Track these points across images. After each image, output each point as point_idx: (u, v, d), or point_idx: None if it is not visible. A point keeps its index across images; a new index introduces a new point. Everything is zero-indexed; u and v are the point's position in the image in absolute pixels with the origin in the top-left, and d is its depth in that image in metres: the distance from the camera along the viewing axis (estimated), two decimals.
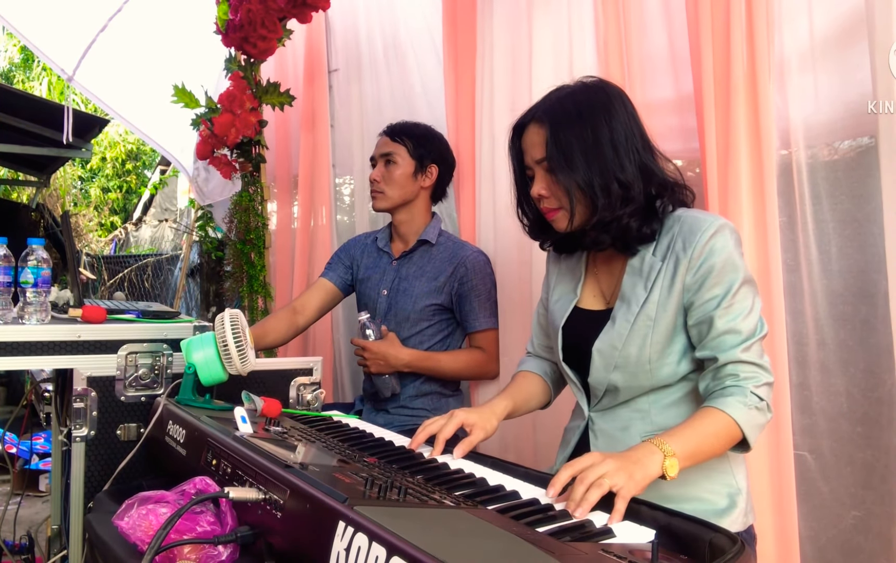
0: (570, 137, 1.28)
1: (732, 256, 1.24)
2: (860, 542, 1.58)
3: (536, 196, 1.35)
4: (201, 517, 1.05)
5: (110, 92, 3.58)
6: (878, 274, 1.52)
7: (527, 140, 1.36)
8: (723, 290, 1.23)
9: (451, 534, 0.84)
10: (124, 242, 10.27)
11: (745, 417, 1.19)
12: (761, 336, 1.24)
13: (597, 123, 1.28)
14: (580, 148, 1.27)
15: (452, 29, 2.31)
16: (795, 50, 1.62)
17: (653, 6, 1.87)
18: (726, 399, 1.20)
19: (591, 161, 1.27)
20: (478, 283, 2.10)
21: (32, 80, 10.43)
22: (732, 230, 1.27)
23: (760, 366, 1.22)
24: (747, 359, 1.21)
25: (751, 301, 1.24)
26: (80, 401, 1.60)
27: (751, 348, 1.22)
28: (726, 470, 1.29)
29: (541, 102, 1.35)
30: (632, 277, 1.32)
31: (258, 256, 2.79)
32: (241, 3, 2.58)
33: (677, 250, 1.27)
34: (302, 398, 1.81)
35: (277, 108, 2.76)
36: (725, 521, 1.24)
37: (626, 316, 1.30)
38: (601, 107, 1.29)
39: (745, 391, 1.20)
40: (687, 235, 1.26)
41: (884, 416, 1.53)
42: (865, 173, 1.57)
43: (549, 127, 1.30)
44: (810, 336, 1.61)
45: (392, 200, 2.15)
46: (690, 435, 1.17)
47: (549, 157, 1.30)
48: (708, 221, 1.26)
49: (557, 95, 1.34)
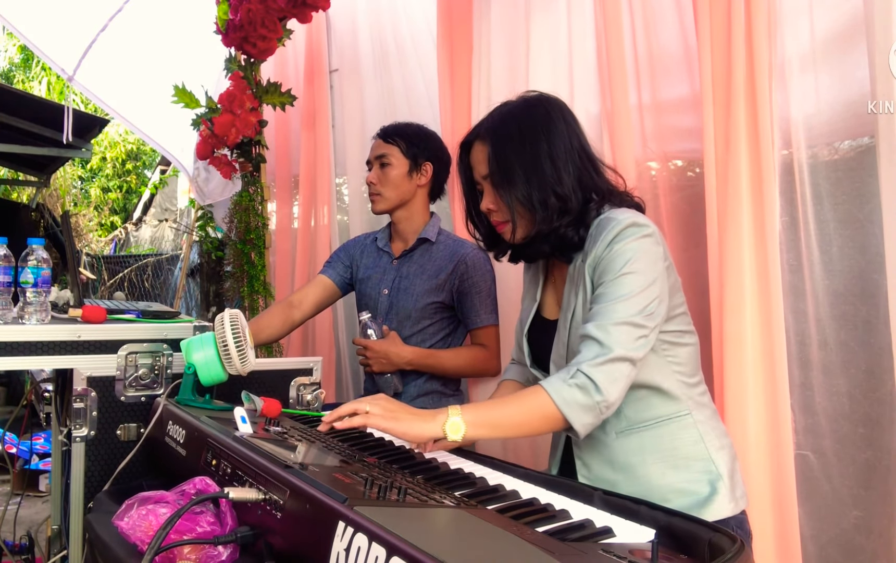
0: (510, 153, 1.32)
1: (627, 249, 1.22)
2: (861, 542, 1.58)
3: (485, 210, 1.39)
4: (201, 517, 1.05)
5: (110, 92, 3.58)
6: (879, 275, 1.52)
7: (473, 157, 1.40)
8: (607, 277, 1.23)
9: (451, 534, 0.84)
10: (124, 242, 10.27)
11: (561, 393, 1.17)
12: (628, 321, 1.19)
13: (535, 139, 1.31)
14: (519, 164, 1.31)
15: (448, 28, 2.31)
16: (797, 50, 1.62)
17: (653, 6, 1.87)
18: (550, 377, 1.21)
19: (529, 176, 1.30)
20: (478, 280, 2.11)
21: (32, 80, 10.43)
22: (641, 227, 1.25)
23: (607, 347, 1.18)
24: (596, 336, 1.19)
25: (628, 290, 1.20)
26: (80, 401, 1.60)
27: (609, 327, 1.19)
28: (702, 457, 1.29)
29: (485, 120, 1.39)
30: (569, 286, 1.35)
31: (258, 256, 2.79)
32: (241, 3, 2.58)
33: (588, 250, 1.29)
34: (302, 398, 1.81)
35: (278, 107, 2.76)
36: (712, 508, 1.24)
37: (565, 324, 1.34)
38: (540, 123, 1.33)
39: (570, 369, 1.19)
40: (596, 234, 1.28)
41: (885, 416, 1.53)
42: (867, 173, 1.57)
43: (491, 144, 1.35)
44: (812, 337, 1.61)
45: (389, 201, 2.16)
46: (493, 406, 1.23)
47: (490, 173, 1.34)
48: (617, 219, 1.26)
49: (500, 112, 1.38)
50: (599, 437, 1.32)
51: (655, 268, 1.24)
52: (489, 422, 1.19)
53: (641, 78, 1.92)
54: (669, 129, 1.93)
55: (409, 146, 2.15)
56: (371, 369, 2.09)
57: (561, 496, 1.09)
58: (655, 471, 1.28)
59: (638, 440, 1.30)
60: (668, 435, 1.29)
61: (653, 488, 1.24)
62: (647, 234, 1.25)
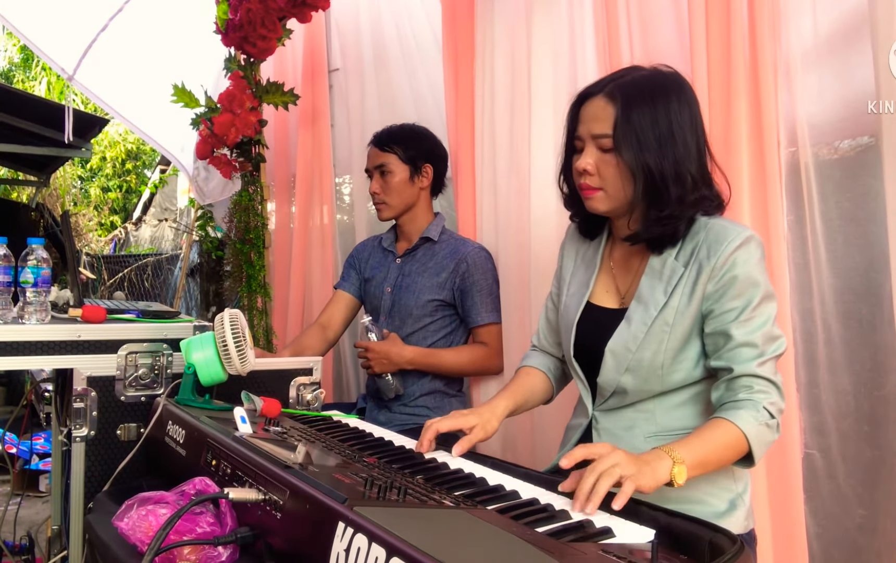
0: (645, 117, 1.23)
1: (755, 270, 1.23)
2: (867, 541, 1.58)
3: (581, 169, 1.28)
4: (201, 517, 1.05)
5: (110, 91, 3.57)
6: (883, 273, 1.51)
7: (589, 111, 1.28)
8: (743, 302, 1.22)
9: (451, 534, 0.84)
10: (124, 241, 10.26)
11: (754, 431, 1.18)
12: (777, 354, 1.23)
13: (673, 111, 1.24)
14: (654, 131, 1.22)
15: (452, 28, 2.31)
16: (800, 48, 1.62)
17: (650, 6, 1.87)
18: (738, 412, 1.19)
19: (664, 146, 1.22)
20: (479, 278, 2.11)
21: (32, 80, 10.43)
22: (759, 244, 1.25)
23: (774, 383, 1.22)
24: (762, 374, 1.20)
25: (769, 317, 1.23)
26: (80, 401, 1.59)
27: (766, 363, 1.21)
28: (727, 475, 1.29)
29: (612, 76, 1.29)
30: (651, 279, 1.30)
31: (258, 255, 2.79)
32: (240, 3, 2.58)
33: (701, 258, 1.24)
34: (302, 398, 1.81)
35: (281, 106, 2.76)
36: (725, 524, 1.22)
37: (644, 319, 1.28)
38: (677, 96, 1.26)
39: (757, 406, 1.19)
40: (712, 244, 1.24)
41: (890, 415, 1.53)
42: (869, 173, 1.57)
43: (621, 104, 1.24)
44: (819, 335, 1.61)
45: (395, 208, 2.19)
46: (700, 445, 1.17)
47: (616, 134, 1.23)
48: (735, 232, 1.24)
49: (632, 74, 1.29)
50: (627, 438, 1.31)
51: (770, 284, 1.26)
52: (701, 462, 1.16)
53: None
54: None
55: (407, 150, 2.17)
56: (372, 370, 2.09)
57: (561, 496, 1.09)
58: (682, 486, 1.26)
59: None
60: None
61: (672, 496, 1.21)
62: (762, 247, 1.26)
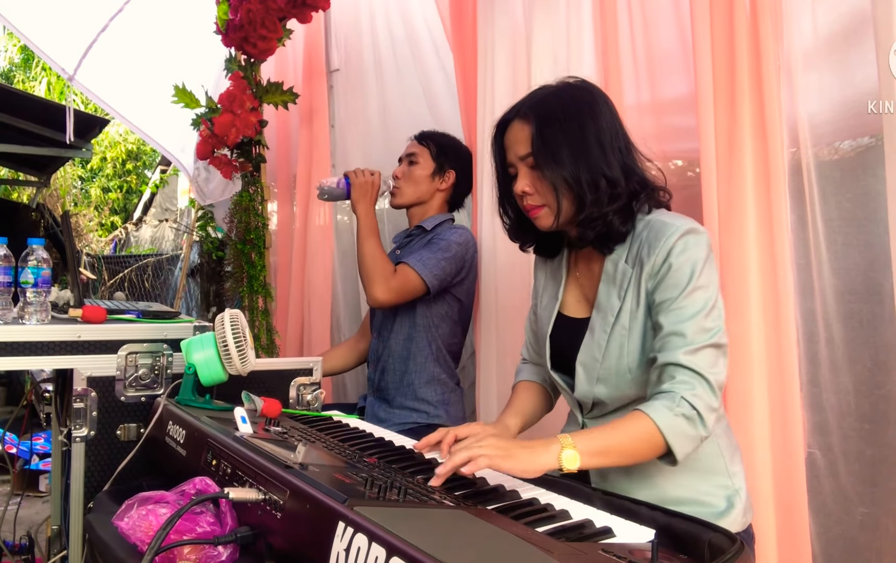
0: (557, 132, 1.27)
1: (690, 260, 1.21)
2: (868, 539, 1.58)
3: (520, 193, 1.33)
4: (201, 517, 1.05)
5: (111, 92, 3.58)
6: (884, 273, 1.52)
7: (510, 136, 1.34)
8: (674, 292, 1.21)
9: (451, 534, 0.84)
10: (124, 242, 10.26)
11: (668, 422, 1.14)
12: (712, 343, 1.18)
13: (583, 121, 1.28)
14: (567, 144, 1.27)
15: (460, 31, 2.32)
16: (801, 48, 1.61)
17: (652, 5, 1.87)
18: (653, 403, 1.16)
19: (578, 157, 1.26)
20: (435, 241, 2.12)
21: (32, 80, 10.43)
22: (699, 235, 1.24)
23: (703, 377, 1.16)
24: (689, 364, 1.16)
25: (702, 305, 1.19)
26: (80, 401, 1.59)
27: (696, 352, 1.17)
28: (721, 471, 1.29)
29: (525, 100, 1.34)
30: (607, 285, 1.32)
31: (258, 256, 2.79)
32: (241, 3, 2.58)
33: (642, 256, 1.26)
34: (302, 398, 1.81)
35: (281, 106, 2.76)
36: (725, 522, 1.23)
37: (603, 326, 1.30)
38: (586, 105, 1.30)
39: (674, 397, 1.15)
40: (652, 241, 1.25)
41: (891, 413, 1.53)
42: (872, 173, 1.57)
43: (535, 123, 1.29)
44: (820, 335, 1.61)
45: (407, 196, 2.23)
46: (603, 434, 1.16)
47: (534, 152, 1.29)
48: (673, 226, 1.24)
49: (541, 92, 1.33)
50: None
51: (715, 276, 1.23)
52: (600, 450, 1.14)
53: (641, 78, 1.92)
54: (669, 128, 1.93)
55: (440, 153, 2.23)
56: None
57: (561, 496, 1.09)
58: (674, 482, 1.26)
59: None
60: None
61: (670, 498, 1.22)
62: (706, 241, 1.24)
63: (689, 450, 1.17)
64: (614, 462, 1.17)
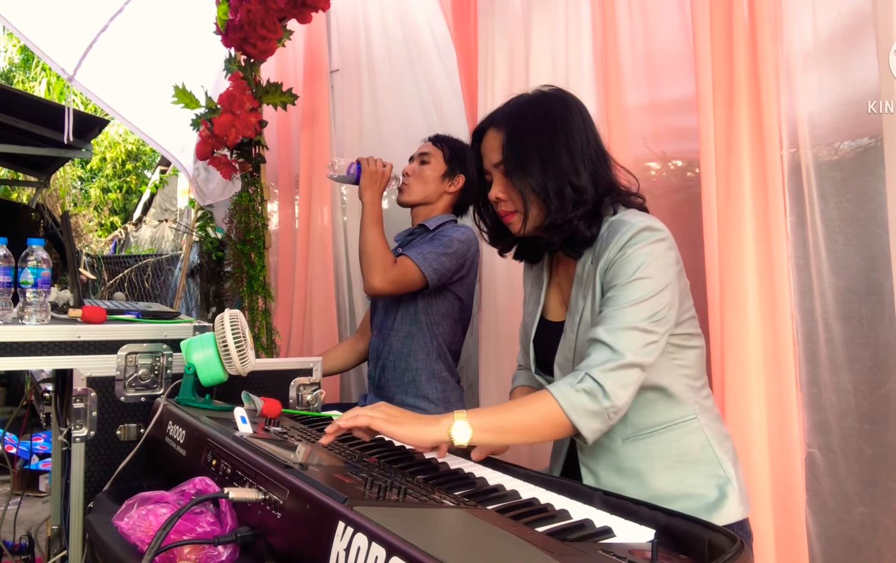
0: (526, 141, 1.31)
1: (641, 253, 1.22)
2: (867, 538, 1.58)
3: (494, 199, 1.37)
4: (201, 517, 1.05)
5: (111, 92, 3.57)
6: (884, 273, 1.52)
7: (485, 144, 1.39)
8: (620, 280, 1.22)
9: (451, 534, 0.84)
10: (124, 242, 10.26)
11: (568, 398, 1.15)
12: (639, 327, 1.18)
13: (553, 129, 1.31)
14: (536, 152, 1.30)
15: (464, 31, 2.32)
16: (800, 48, 1.62)
17: (653, 5, 1.87)
18: (557, 382, 1.19)
19: (546, 165, 1.29)
20: (440, 236, 2.13)
21: (32, 81, 10.43)
22: (655, 232, 1.24)
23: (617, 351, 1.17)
24: (605, 340, 1.19)
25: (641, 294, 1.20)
26: (79, 401, 1.59)
27: (619, 332, 1.18)
28: (711, 461, 1.29)
29: (500, 108, 1.39)
30: (576, 287, 1.34)
31: (258, 256, 2.79)
32: (241, 4, 2.58)
33: (600, 252, 1.28)
34: (302, 398, 1.81)
35: (280, 107, 2.76)
36: (721, 513, 1.23)
37: (572, 327, 1.33)
38: (558, 114, 1.32)
39: (577, 374, 1.18)
40: (609, 237, 1.27)
41: (891, 413, 1.53)
42: (871, 173, 1.57)
43: (506, 132, 1.33)
44: (820, 335, 1.61)
45: (415, 194, 2.23)
46: (499, 411, 1.20)
47: (504, 160, 1.33)
48: (631, 223, 1.25)
49: (515, 101, 1.37)
50: (605, 444, 1.31)
51: (667, 273, 1.23)
52: (495, 426, 1.16)
53: (640, 78, 1.92)
54: (669, 129, 1.93)
55: (452, 156, 2.24)
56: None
57: (561, 496, 1.09)
58: (664, 477, 1.27)
59: (645, 446, 1.29)
60: (675, 440, 1.29)
61: (661, 493, 1.23)
62: (661, 238, 1.25)
63: (598, 426, 1.18)
64: (514, 440, 1.20)
